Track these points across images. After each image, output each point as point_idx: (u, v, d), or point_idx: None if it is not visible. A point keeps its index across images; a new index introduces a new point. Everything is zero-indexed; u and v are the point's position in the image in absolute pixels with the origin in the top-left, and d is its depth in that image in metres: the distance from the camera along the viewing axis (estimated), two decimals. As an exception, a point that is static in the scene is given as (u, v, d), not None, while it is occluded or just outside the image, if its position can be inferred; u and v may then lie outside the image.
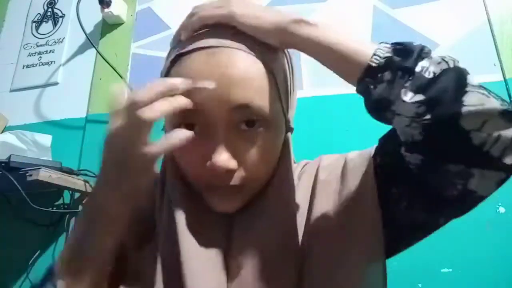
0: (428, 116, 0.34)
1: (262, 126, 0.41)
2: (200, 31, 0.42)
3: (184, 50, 0.41)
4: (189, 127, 0.40)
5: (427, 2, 1.19)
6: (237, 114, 0.39)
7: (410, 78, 0.35)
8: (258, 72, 0.41)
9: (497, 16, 1.13)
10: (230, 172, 0.40)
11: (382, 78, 0.37)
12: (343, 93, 1.09)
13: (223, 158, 0.38)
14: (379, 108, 0.38)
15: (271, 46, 0.43)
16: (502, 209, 0.95)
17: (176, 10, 1.36)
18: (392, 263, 0.45)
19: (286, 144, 0.46)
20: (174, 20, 1.35)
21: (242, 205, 0.44)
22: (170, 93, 0.36)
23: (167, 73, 0.43)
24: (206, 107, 0.39)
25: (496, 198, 0.96)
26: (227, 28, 0.41)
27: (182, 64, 0.41)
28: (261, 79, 0.41)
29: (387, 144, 0.46)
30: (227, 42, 0.40)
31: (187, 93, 0.38)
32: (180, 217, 0.42)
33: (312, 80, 1.15)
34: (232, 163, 0.39)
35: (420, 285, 0.91)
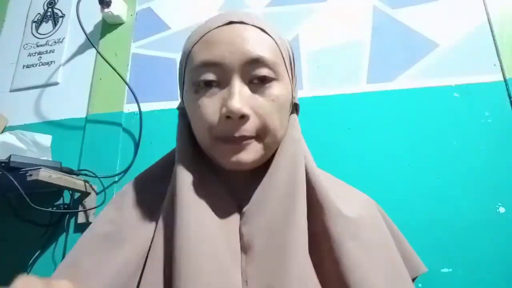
0: None
1: (273, 81, 0.45)
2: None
3: (206, 31, 0.46)
4: (207, 84, 0.44)
5: (427, 2, 1.19)
6: (251, 67, 0.44)
7: None
8: (270, 41, 0.46)
9: (497, 16, 1.13)
10: (244, 120, 0.43)
11: None
12: (343, 93, 1.08)
13: (238, 103, 0.42)
14: None
15: (280, 35, 0.49)
16: (502, 209, 0.95)
17: (176, 10, 1.36)
18: (392, 263, 0.44)
19: (293, 121, 0.49)
20: (174, 20, 1.34)
21: (255, 163, 0.44)
22: None
23: (188, 53, 0.47)
24: (225, 60, 0.43)
25: (496, 198, 0.96)
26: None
27: (203, 39, 0.46)
28: (273, 45, 0.46)
29: None
30: (246, 19, 0.46)
31: (209, 51, 0.44)
32: (189, 193, 0.43)
33: (312, 80, 1.15)
34: (245, 109, 0.42)
35: (420, 285, 0.91)
